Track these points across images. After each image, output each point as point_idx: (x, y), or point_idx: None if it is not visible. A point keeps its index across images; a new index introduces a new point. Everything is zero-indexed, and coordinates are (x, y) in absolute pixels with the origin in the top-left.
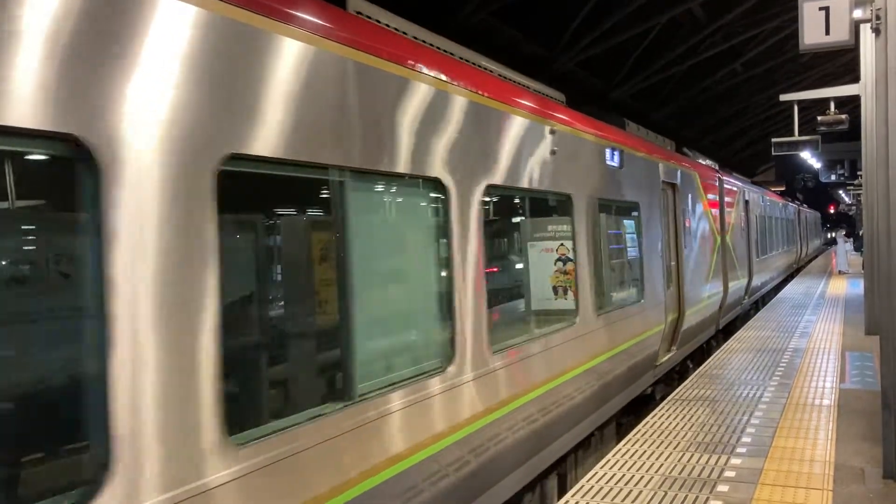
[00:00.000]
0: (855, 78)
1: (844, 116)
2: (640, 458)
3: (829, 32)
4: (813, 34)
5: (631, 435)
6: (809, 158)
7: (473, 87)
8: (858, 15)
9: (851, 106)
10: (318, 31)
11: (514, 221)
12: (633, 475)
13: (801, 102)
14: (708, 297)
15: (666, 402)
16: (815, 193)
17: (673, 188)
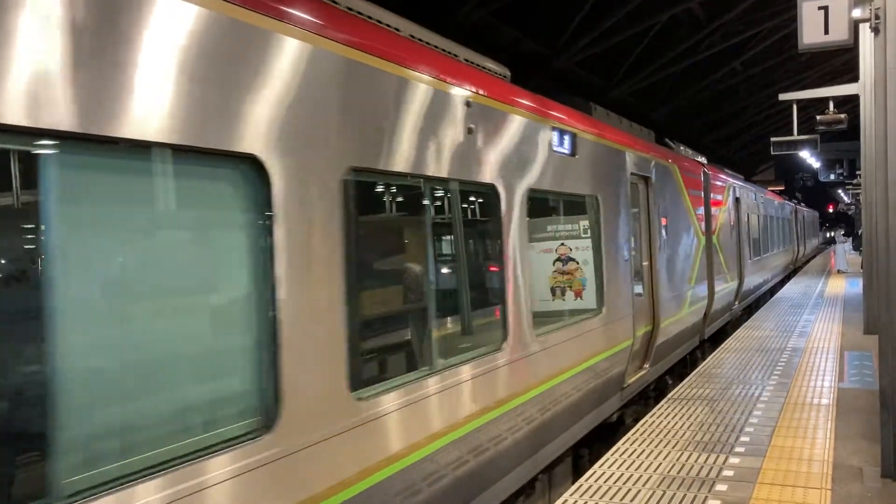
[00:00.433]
0: (854, 77)
1: (843, 116)
2: (638, 457)
3: (828, 32)
4: (812, 33)
5: (630, 434)
6: (808, 158)
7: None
8: (857, 14)
9: (850, 105)
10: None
11: (406, 218)
12: (631, 474)
13: (800, 102)
14: (690, 304)
15: (665, 401)
16: (814, 193)
17: (646, 182)
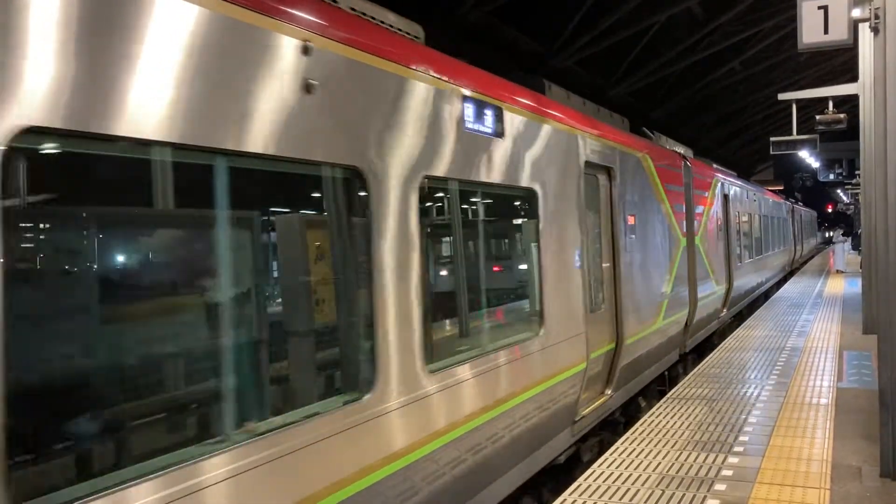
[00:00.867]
0: (853, 77)
1: (843, 115)
2: (637, 456)
3: (827, 31)
4: (811, 33)
5: (628, 434)
6: (808, 157)
7: None
8: (857, 14)
9: (849, 105)
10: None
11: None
12: (630, 474)
13: (799, 101)
14: (666, 315)
15: (664, 400)
16: (813, 193)
17: (608, 173)
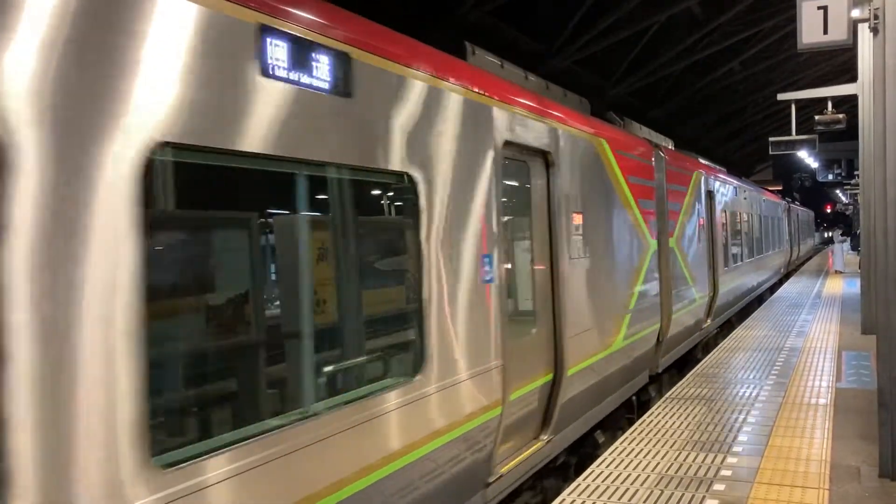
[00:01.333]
0: (852, 77)
1: (842, 116)
2: (636, 456)
3: (827, 32)
4: (811, 33)
5: (627, 433)
6: (807, 158)
7: None
8: (856, 14)
9: (848, 105)
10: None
11: None
12: (629, 473)
13: (798, 102)
14: (628, 333)
15: (662, 400)
16: (812, 193)
17: (544, 159)
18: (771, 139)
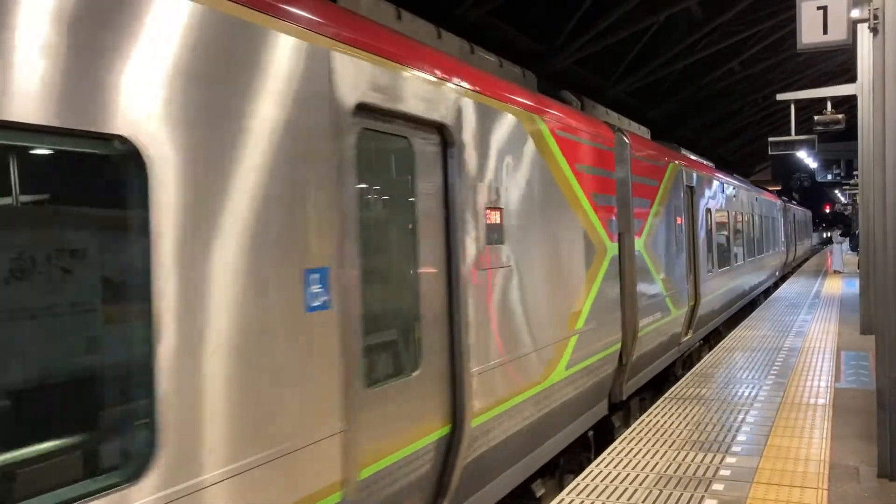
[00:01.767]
0: (852, 78)
1: (841, 116)
2: (635, 456)
3: (826, 32)
4: (810, 33)
5: (626, 433)
6: (806, 158)
7: None
8: (856, 14)
9: (848, 105)
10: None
11: None
12: (628, 473)
13: (798, 102)
14: (573, 360)
15: (661, 400)
16: (811, 193)
17: (439, 134)
18: (770, 139)
